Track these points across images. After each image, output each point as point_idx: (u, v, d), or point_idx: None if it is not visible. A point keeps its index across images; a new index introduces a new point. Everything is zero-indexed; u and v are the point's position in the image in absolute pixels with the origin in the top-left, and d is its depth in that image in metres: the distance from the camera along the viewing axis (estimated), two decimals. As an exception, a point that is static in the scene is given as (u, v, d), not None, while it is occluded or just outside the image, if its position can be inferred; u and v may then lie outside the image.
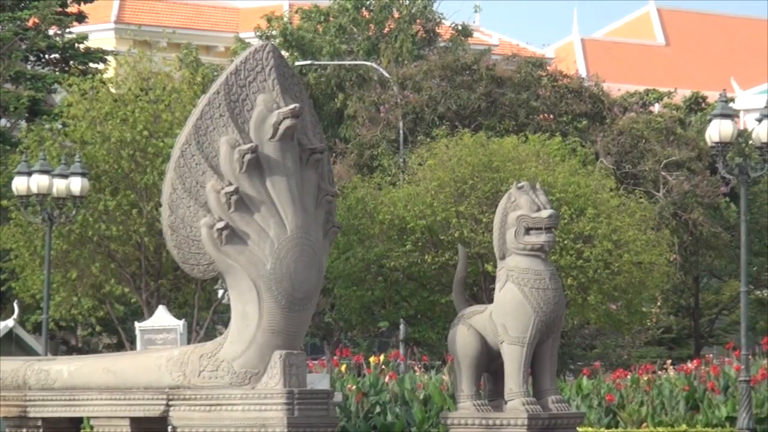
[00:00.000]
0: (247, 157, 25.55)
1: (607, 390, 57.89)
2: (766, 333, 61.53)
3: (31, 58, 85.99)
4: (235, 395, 25.90)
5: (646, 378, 59.73)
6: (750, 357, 56.89)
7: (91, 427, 28.23)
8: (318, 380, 34.14)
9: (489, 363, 26.47)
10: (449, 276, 37.20)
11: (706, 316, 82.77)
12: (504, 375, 26.38)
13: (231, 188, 25.62)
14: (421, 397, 56.73)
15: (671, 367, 61.75)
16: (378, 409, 57.68)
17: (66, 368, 30.23)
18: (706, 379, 59.82)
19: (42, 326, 63.73)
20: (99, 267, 68.63)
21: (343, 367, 57.70)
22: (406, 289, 68.99)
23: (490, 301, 27.06)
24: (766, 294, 73.45)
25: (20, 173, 63.03)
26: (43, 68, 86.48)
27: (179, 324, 52.34)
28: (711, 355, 67.79)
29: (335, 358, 60.01)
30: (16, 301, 65.84)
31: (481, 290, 36.21)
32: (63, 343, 68.19)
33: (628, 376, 59.86)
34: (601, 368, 61.22)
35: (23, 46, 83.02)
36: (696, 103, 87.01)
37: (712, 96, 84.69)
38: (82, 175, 61.59)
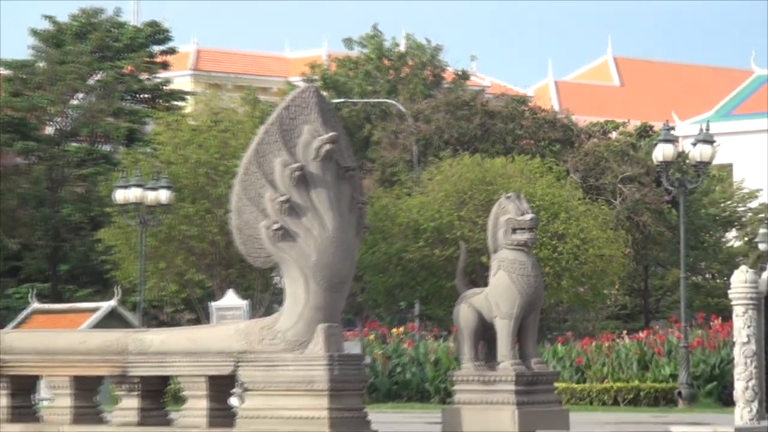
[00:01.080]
0: (296, 173, 26.07)
1: (577, 354, 58.89)
2: (700, 310, 62.01)
3: (127, 97, 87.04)
4: (288, 358, 26.21)
5: (607, 344, 60.83)
6: (688, 328, 57.58)
7: (177, 384, 28.49)
8: (352, 347, 34.51)
9: (484, 333, 26.65)
10: (453, 266, 37.50)
11: (653, 297, 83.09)
12: (497, 342, 26.57)
13: (284, 198, 26.06)
14: (432, 359, 58.11)
15: (626, 336, 62.52)
16: (399, 369, 59.73)
17: (157, 338, 30.51)
18: (654, 345, 60.73)
19: (137, 305, 63.79)
20: (182, 259, 69.41)
21: (371, 337, 58.83)
22: (419, 276, 69.99)
23: (486, 285, 27.19)
24: (699, 279, 73.97)
25: (120, 186, 63.37)
26: (136, 105, 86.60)
27: (244, 303, 52.73)
28: (657, 327, 68.51)
29: (365, 330, 60.73)
30: (117, 286, 65.89)
31: (478, 277, 36.39)
32: (154, 319, 68.49)
33: (593, 344, 60.95)
34: (572, 337, 61.93)
35: (122, 88, 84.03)
36: (644, 131, 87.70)
37: (658, 125, 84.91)
38: (168, 188, 62.15)
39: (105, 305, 60.51)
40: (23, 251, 76.10)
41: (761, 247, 73.64)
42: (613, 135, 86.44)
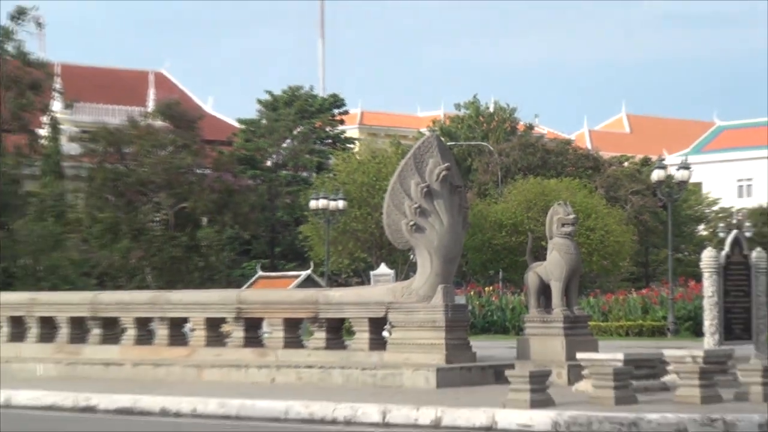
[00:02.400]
0: (424, 189, 26.61)
1: (602, 303, 59.46)
2: (681, 275, 62.03)
3: (318, 142, 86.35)
4: (420, 306, 26.44)
5: (621, 298, 61.09)
6: (673, 287, 57.37)
7: (349, 323, 28.62)
8: (459, 299, 34.38)
9: (544, 290, 26.46)
10: (524, 248, 37.62)
11: (651, 267, 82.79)
12: (551, 296, 26.46)
13: (417, 205, 26.38)
14: (510, 307, 58.02)
15: (634, 292, 62.40)
16: (489, 313, 59.26)
17: (337, 293, 30.74)
18: (651, 298, 61.26)
19: (324, 274, 63.64)
20: (352, 244, 68.29)
21: (471, 293, 58.88)
22: (502, 254, 69.82)
23: (544, 260, 27.05)
24: (681, 256, 74.02)
25: (313, 198, 63.46)
26: (323, 147, 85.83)
27: (391, 272, 52.58)
28: (654, 286, 68.08)
29: (468, 288, 60.78)
30: (311, 261, 65.57)
31: (539, 255, 36.16)
32: (334, 282, 68.22)
33: (612, 297, 61.31)
34: (599, 293, 61.80)
35: (314, 137, 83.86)
36: (645, 162, 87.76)
37: (654, 158, 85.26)
38: (343, 199, 62.04)
39: (303, 273, 60.45)
40: (252, 239, 76.23)
41: (721, 235, 73.33)
42: (626, 164, 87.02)
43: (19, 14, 61.82)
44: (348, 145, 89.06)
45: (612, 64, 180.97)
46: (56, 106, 72.37)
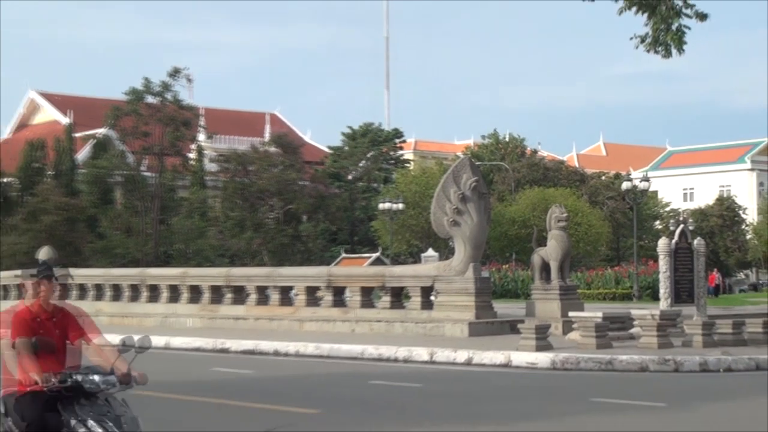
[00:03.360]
0: (460, 195, 26.36)
1: (586, 277, 58.57)
2: (643, 257, 61.38)
3: (384, 162, 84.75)
4: (457, 278, 26.41)
5: (600, 273, 60.39)
6: (637, 265, 56.81)
7: (407, 290, 28.63)
8: (485, 273, 33.93)
9: (545, 267, 26.27)
10: (531, 238, 36.96)
11: (621, 251, 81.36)
12: (550, 272, 26.25)
13: (454, 207, 26.28)
14: (521, 279, 57.17)
15: (609, 269, 61.52)
16: (505, 283, 59.05)
17: (398, 269, 31.03)
18: (622, 273, 60.38)
19: (389, 256, 63.31)
20: (408, 234, 67.21)
21: (493, 269, 58.01)
22: (515, 242, 66.97)
23: (545, 246, 26.85)
24: (643, 243, 72.99)
25: (381, 202, 62.82)
26: (388, 166, 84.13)
27: (436, 255, 51.33)
28: (623, 265, 67.06)
29: (490, 266, 60.11)
30: (380, 247, 65.06)
31: (542, 242, 35.52)
32: (396, 261, 67.64)
33: (594, 272, 60.39)
34: (584, 270, 61.01)
35: (381, 159, 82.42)
36: (617, 176, 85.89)
37: (623, 173, 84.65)
38: (402, 203, 61.37)
39: (374, 255, 60.08)
40: (338, 231, 75.65)
41: (671, 228, 72.22)
42: (603, 178, 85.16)
43: (174, 73, 62.39)
44: (405, 165, 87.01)
45: (593, 105, 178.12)
46: (201, 137, 73.06)
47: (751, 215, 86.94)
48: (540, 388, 17.67)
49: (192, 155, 71.37)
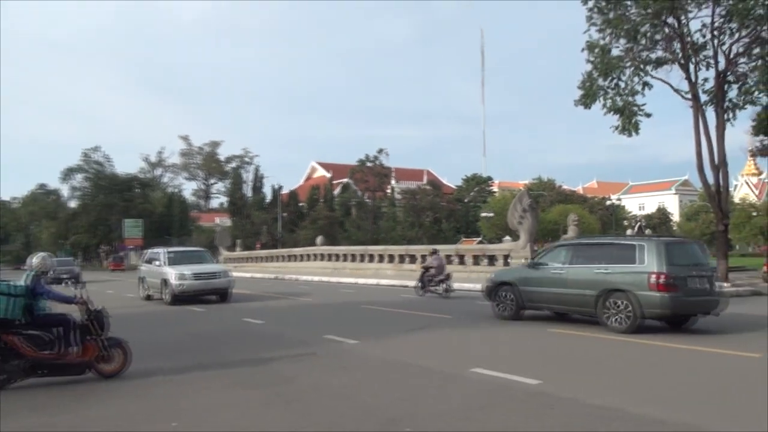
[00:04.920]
0: (522, 208, 25.70)
1: None
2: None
3: (482, 192, 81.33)
4: (522, 251, 25.92)
5: None
6: None
7: (496, 257, 28.19)
8: (536, 248, 32.19)
9: None
10: (559, 231, 34.93)
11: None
12: None
13: (519, 213, 25.78)
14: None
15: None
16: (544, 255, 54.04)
17: (490, 246, 30.16)
18: None
19: (483, 239, 62.30)
20: (496, 228, 65.44)
21: (536, 247, 54.20)
22: (550, 232, 57.95)
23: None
24: (618, 232, 70.20)
25: (482, 212, 61.68)
26: (483, 194, 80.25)
27: (509, 238, 48.19)
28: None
29: (538, 244, 57.25)
30: (482, 235, 64.62)
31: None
32: (490, 242, 66.46)
33: None
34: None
35: (477, 188, 79.74)
36: (603, 199, 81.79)
37: (608, 197, 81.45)
38: (492, 213, 60.01)
39: (478, 239, 59.67)
40: (459, 226, 73.80)
41: (633, 225, 68.94)
42: (595, 199, 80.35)
43: (380, 151, 63.26)
44: (493, 193, 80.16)
45: (593, 162, 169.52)
46: (393, 181, 73.41)
47: (675, 218, 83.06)
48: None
49: (388, 190, 72.02)
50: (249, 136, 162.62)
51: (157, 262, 20.73)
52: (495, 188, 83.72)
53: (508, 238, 52.51)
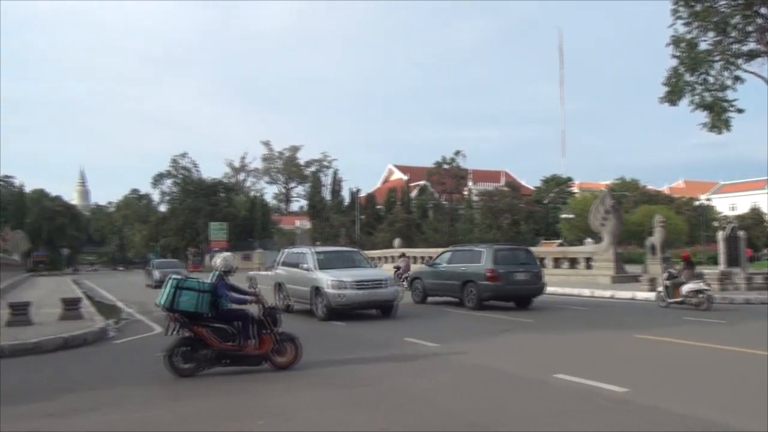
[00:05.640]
0: (605, 209, 25.02)
1: (676, 253, 51.97)
2: (707, 241, 55.85)
3: (562, 193, 78.95)
4: (604, 253, 25.27)
5: (684, 250, 53.61)
6: (705, 246, 51.06)
7: (576, 259, 27.54)
8: (619, 251, 31.13)
9: (652, 246, 24.67)
10: (644, 232, 33.61)
11: (695, 239, 74.25)
12: (655, 249, 24.55)
13: (602, 214, 25.11)
14: (636, 253, 51.49)
15: (689, 248, 55.63)
16: (629, 255, 52.14)
17: (573, 249, 29.36)
18: (696, 250, 53.37)
19: (563, 243, 60.93)
20: (577, 230, 64.10)
21: (621, 250, 52.91)
22: (634, 234, 56.28)
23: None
24: (708, 234, 66.70)
25: (561, 213, 60.27)
26: (564, 195, 77.70)
27: (592, 240, 45.82)
28: (697, 246, 61.12)
29: (622, 246, 55.68)
30: (562, 237, 62.74)
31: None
32: (570, 245, 64.74)
33: (679, 250, 53.57)
34: (674, 249, 55.26)
35: (557, 190, 77.33)
36: (691, 199, 78.46)
37: (697, 197, 77.23)
38: (572, 215, 58.61)
39: (558, 241, 58.49)
40: (539, 229, 72.22)
41: (724, 226, 65.69)
42: (682, 199, 77.00)
43: (457, 152, 63.07)
44: (574, 194, 77.90)
45: (678, 161, 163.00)
46: (470, 183, 72.97)
47: (768, 219, 78.65)
48: (651, 311, 16.79)
49: (465, 192, 71.48)
50: (328, 140, 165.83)
51: (305, 266, 16.03)
52: (575, 189, 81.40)
53: (589, 240, 50.89)
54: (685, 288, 16.55)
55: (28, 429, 5.98)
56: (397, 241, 42.66)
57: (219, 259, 8.78)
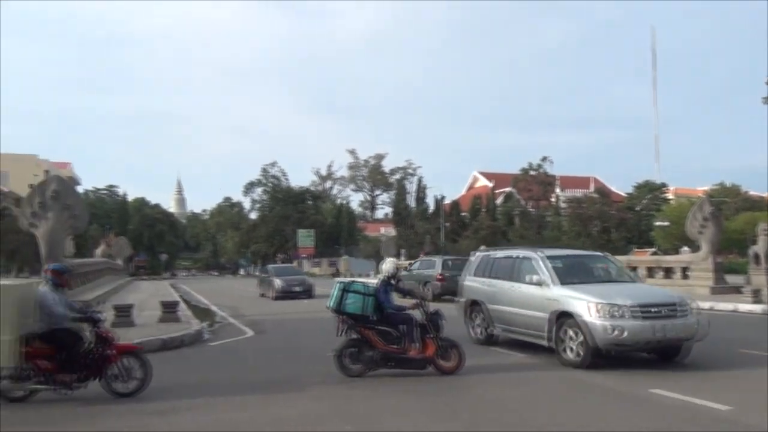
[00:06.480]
0: (702, 217, 23.86)
1: None
2: None
3: (655, 200, 75.81)
4: (702, 263, 24.06)
5: None
6: None
7: (674, 269, 26.31)
8: (718, 259, 29.45)
9: (756, 256, 23.18)
10: (746, 241, 31.22)
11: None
12: (759, 258, 23.09)
13: (700, 222, 23.87)
14: (738, 263, 48.12)
15: None
16: (731, 264, 49.17)
17: (668, 257, 28.26)
18: None
19: (657, 251, 58.51)
20: (671, 238, 61.35)
21: (723, 258, 49.94)
22: (735, 243, 51.40)
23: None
24: None
25: (655, 221, 57.52)
26: (658, 202, 74.94)
27: (688, 249, 44.00)
28: None
29: (721, 255, 52.51)
30: (655, 245, 60.02)
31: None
32: (665, 254, 61.76)
33: None
34: None
35: (650, 196, 73.87)
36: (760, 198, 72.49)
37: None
38: (667, 223, 55.78)
39: (651, 250, 55.90)
40: (630, 236, 69.46)
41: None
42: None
43: (544, 158, 61.83)
44: (669, 200, 73.27)
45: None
46: (557, 189, 71.34)
47: None
48: (756, 325, 15.79)
49: (553, 199, 69.96)
50: (412, 147, 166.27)
51: (532, 278, 10.45)
52: (670, 195, 77.83)
53: (686, 248, 48.32)
54: None
55: (129, 427, 6.25)
56: (482, 249, 42.21)
57: (386, 264, 8.95)
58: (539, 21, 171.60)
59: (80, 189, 72.66)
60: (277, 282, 26.88)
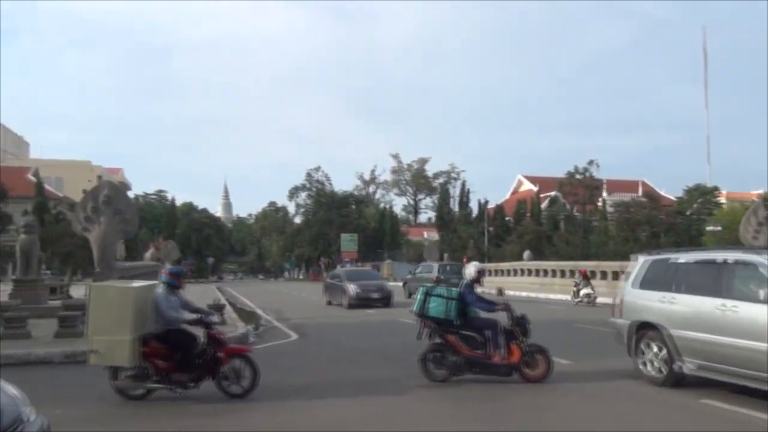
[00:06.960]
0: (757, 221, 23.03)
1: None
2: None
3: (708, 202, 73.64)
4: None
5: None
6: None
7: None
8: None
9: None
10: None
11: None
12: None
13: (755, 227, 23.10)
14: None
15: None
16: None
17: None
18: None
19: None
20: (724, 243, 59.26)
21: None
22: None
23: None
24: None
25: (707, 225, 55.99)
26: (710, 206, 72.89)
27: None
28: None
29: None
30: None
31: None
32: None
33: None
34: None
35: (701, 199, 71.71)
36: None
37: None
38: (718, 227, 54.15)
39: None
40: (681, 243, 67.27)
41: None
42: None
43: (590, 162, 60.79)
44: (721, 204, 69.68)
45: None
46: (604, 194, 69.93)
47: None
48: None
49: (599, 203, 68.57)
50: (456, 151, 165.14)
51: (763, 292, 6.96)
52: (722, 199, 75.32)
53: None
54: None
55: (178, 428, 6.36)
56: (526, 254, 41.72)
57: (470, 268, 8.81)
58: (587, 24, 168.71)
59: (131, 194, 73.70)
60: (352, 288, 23.40)
